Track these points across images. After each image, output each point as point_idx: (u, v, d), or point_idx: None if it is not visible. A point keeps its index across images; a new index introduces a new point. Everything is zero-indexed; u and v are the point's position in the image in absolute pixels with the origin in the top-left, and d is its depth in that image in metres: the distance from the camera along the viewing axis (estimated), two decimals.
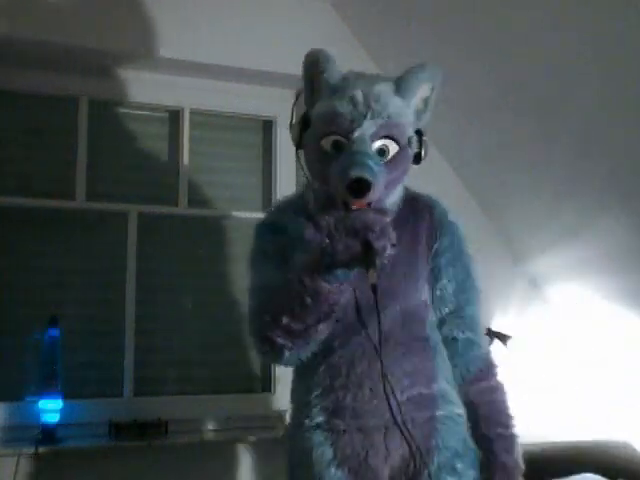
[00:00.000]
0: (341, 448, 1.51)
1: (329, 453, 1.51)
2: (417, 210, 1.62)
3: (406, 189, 1.65)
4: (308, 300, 1.37)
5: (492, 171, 2.70)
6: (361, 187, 1.37)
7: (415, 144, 1.53)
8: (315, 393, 1.54)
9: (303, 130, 1.53)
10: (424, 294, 1.60)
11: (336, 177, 1.43)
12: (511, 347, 2.84)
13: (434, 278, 1.61)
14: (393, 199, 1.58)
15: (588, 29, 2.00)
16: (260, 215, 2.79)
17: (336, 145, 1.47)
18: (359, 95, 1.46)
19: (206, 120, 2.83)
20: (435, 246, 1.61)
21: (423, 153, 1.56)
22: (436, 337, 1.61)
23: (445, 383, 1.59)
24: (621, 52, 1.97)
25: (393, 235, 1.33)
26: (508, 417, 1.65)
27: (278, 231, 1.58)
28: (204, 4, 2.57)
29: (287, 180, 2.84)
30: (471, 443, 1.59)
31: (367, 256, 1.30)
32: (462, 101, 2.61)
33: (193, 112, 2.78)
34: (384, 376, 1.42)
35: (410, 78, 1.52)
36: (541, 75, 2.24)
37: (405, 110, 1.51)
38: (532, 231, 2.82)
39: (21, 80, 2.53)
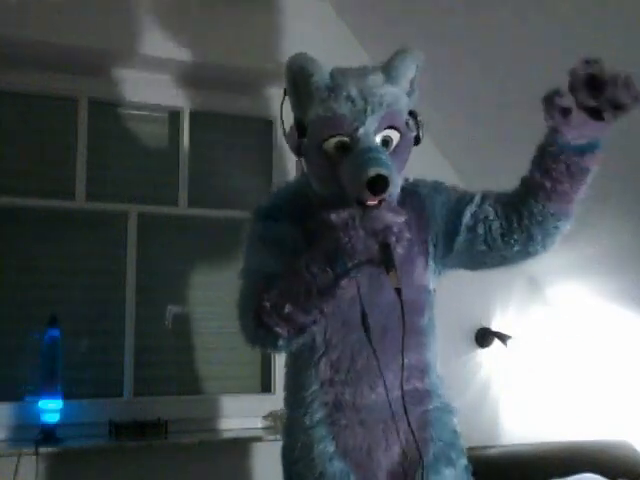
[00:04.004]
0: (343, 441, 1.53)
1: (331, 447, 1.53)
2: (405, 201, 1.61)
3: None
4: (316, 292, 1.37)
5: (491, 172, 2.70)
6: (380, 183, 1.36)
7: (413, 127, 1.53)
8: (313, 388, 1.55)
9: (300, 137, 1.52)
10: (423, 279, 1.61)
11: (350, 177, 1.41)
12: (511, 347, 2.84)
13: (453, 234, 1.58)
14: (397, 187, 1.56)
15: (589, 27, 2.00)
16: None
17: (340, 146, 1.46)
18: (354, 92, 1.45)
19: (206, 120, 2.83)
20: (434, 221, 1.60)
21: (421, 134, 1.55)
22: (431, 329, 1.63)
23: (435, 377, 1.63)
24: (622, 51, 1.97)
25: (408, 236, 1.34)
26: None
27: (276, 218, 1.58)
28: (204, 4, 2.57)
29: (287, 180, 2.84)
30: (459, 433, 1.63)
31: (386, 257, 1.31)
32: (461, 100, 2.61)
33: (193, 112, 2.78)
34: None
35: (397, 64, 1.52)
36: (541, 75, 2.24)
37: (400, 96, 1.51)
38: None
39: (21, 80, 2.53)
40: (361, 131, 1.44)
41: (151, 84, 2.67)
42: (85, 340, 2.56)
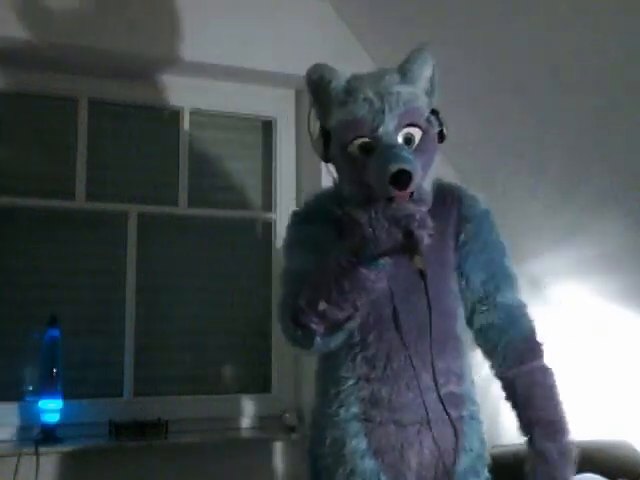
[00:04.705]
0: (376, 439, 1.53)
1: (363, 444, 1.53)
2: (445, 201, 1.64)
3: (435, 179, 1.66)
4: (347, 286, 1.38)
5: (492, 171, 2.70)
6: (403, 178, 1.39)
7: (435, 124, 1.57)
8: (349, 383, 1.55)
9: (326, 144, 1.56)
10: (453, 286, 1.63)
11: (375, 176, 1.44)
12: None
13: (461, 268, 1.63)
14: (428, 183, 1.59)
15: (588, 27, 2.00)
16: (260, 215, 2.84)
17: (364, 148, 1.49)
18: (371, 93, 1.50)
19: (206, 120, 2.83)
20: (461, 237, 1.63)
21: (445, 130, 1.60)
22: (465, 335, 1.64)
23: (470, 383, 1.65)
24: (622, 51, 1.98)
25: (431, 224, 1.35)
26: (550, 401, 1.62)
27: (311, 221, 1.62)
28: (203, 5, 2.57)
29: (287, 180, 2.84)
30: (486, 443, 1.64)
31: (410, 244, 1.32)
32: (461, 100, 2.61)
33: (193, 112, 2.78)
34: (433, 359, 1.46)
35: (411, 66, 1.57)
36: (541, 75, 2.25)
37: (416, 94, 1.55)
38: (532, 231, 2.82)
39: (21, 80, 2.53)
40: (381, 130, 1.47)
41: (150, 83, 2.67)
42: (85, 340, 2.56)
